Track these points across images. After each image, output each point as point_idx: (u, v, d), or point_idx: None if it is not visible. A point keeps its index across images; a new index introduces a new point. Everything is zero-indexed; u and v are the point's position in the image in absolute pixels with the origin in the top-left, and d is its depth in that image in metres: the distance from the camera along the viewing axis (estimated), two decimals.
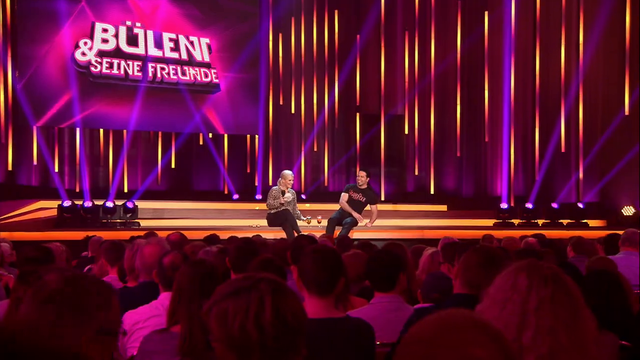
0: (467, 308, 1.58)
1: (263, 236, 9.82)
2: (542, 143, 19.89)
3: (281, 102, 20.21)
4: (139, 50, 18.51)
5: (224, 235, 9.99)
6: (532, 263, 2.25)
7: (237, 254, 5.58)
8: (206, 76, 19.13)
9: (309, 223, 14.01)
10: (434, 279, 5.29)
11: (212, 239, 9.16)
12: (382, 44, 20.83)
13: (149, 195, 17.89)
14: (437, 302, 4.89)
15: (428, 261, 6.56)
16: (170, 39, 18.84)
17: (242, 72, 19.41)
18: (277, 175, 17.72)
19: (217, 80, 19.24)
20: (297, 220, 13.83)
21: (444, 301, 4.79)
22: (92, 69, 17.99)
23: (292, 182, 14.17)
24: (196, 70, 18.98)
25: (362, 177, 14.09)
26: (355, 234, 13.96)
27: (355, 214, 13.88)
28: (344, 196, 14.09)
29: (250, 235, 9.83)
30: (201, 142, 19.31)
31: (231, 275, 5.44)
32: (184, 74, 18.84)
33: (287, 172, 14.35)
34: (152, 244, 5.21)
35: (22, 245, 7.13)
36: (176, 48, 18.88)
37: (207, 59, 19.15)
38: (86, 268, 7.94)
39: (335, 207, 14.42)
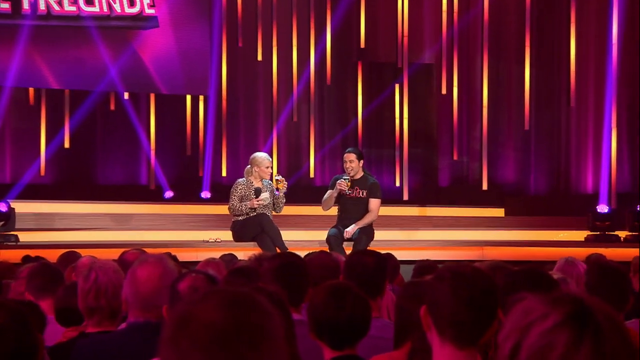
0: None
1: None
2: None
3: (240, 44, 19.42)
4: None
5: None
6: None
7: (284, 276, 6.14)
8: (132, 4, 17.90)
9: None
10: None
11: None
12: None
13: (29, 193, 17.39)
14: None
15: None
16: None
17: None
18: (233, 160, 19.03)
19: (151, 11, 18.06)
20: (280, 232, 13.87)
21: None
22: None
23: (269, 169, 14.24)
24: None
25: (351, 163, 13.97)
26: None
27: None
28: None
29: (205, 254, 10.84)
30: (113, 107, 18.54)
31: None
32: (89, 1, 17.69)
33: (261, 156, 14.30)
34: (149, 264, 5.50)
35: None
36: None
37: None
38: None
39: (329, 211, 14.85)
